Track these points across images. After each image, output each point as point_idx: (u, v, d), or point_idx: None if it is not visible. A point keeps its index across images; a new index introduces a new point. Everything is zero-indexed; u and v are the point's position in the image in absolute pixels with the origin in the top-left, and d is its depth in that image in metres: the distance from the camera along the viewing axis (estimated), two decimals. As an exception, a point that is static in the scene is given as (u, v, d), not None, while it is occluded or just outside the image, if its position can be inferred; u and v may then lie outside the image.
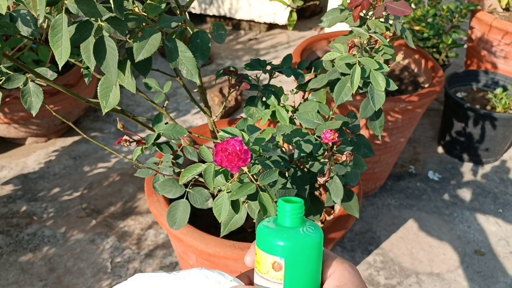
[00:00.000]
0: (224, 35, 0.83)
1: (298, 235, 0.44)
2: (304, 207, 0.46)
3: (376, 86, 0.85)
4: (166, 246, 1.48)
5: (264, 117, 0.95)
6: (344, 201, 0.93)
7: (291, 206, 0.45)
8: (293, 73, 1.01)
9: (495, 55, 1.96)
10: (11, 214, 1.56)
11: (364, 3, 0.88)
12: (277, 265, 0.44)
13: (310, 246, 0.44)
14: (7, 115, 1.66)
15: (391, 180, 1.77)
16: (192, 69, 0.73)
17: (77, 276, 1.38)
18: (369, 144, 0.96)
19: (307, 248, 0.44)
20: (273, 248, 0.44)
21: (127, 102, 2.11)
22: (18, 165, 1.76)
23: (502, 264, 1.49)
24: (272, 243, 0.44)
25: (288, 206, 0.45)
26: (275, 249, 0.44)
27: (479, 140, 1.78)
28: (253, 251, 0.47)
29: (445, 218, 1.64)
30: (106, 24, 0.67)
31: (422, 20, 1.90)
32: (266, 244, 0.45)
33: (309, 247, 0.44)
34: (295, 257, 0.44)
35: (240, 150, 0.61)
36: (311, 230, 0.45)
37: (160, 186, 0.91)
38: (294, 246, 0.44)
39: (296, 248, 0.44)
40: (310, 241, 0.44)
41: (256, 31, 2.75)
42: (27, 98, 0.83)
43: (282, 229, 0.45)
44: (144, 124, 0.96)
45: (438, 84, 1.47)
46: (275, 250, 0.44)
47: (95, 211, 1.59)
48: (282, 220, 0.46)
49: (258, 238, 0.46)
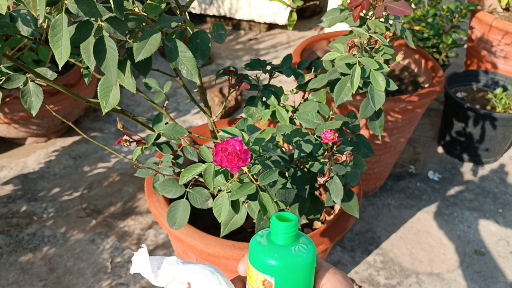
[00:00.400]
0: (224, 35, 0.83)
1: (289, 255, 0.44)
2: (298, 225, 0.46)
3: (376, 86, 0.85)
4: (166, 246, 1.48)
5: (264, 117, 0.95)
6: (344, 201, 0.93)
7: (284, 225, 0.45)
8: (293, 73, 1.01)
9: (495, 55, 1.96)
10: (11, 214, 1.56)
11: (364, 3, 0.88)
12: (267, 283, 0.44)
13: (301, 267, 0.44)
14: (7, 115, 1.66)
15: (391, 180, 1.77)
16: (192, 69, 0.73)
17: (77, 276, 1.38)
18: (369, 144, 0.96)
19: (298, 268, 0.44)
20: (264, 266, 0.44)
21: (127, 102, 2.11)
22: (18, 165, 1.76)
23: (502, 264, 1.49)
24: (264, 261, 0.44)
25: (281, 225, 0.45)
26: (266, 268, 0.44)
27: (479, 140, 1.78)
28: (246, 260, 0.47)
29: (445, 218, 1.64)
30: (106, 24, 0.67)
31: (422, 20, 1.90)
32: (258, 261, 0.44)
33: (300, 268, 0.44)
34: (285, 277, 0.44)
35: (240, 150, 0.61)
36: (303, 249, 0.45)
37: (160, 186, 0.91)
38: (285, 266, 0.44)
39: (287, 268, 0.44)
40: (302, 261, 0.44)
41: (256, 31, 2.75)
42: (27, 98, 0.83)
43: (274, 248, 0.45)
44: (144, 124, 0.96)
45: (438, 84, 1.47)
46: (266, 268, 0.44)
47: (95, 211, 1.59)
48: (275, 237, 0.45)
49: (250, 254, 0.46)
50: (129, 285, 1.36)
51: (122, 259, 1.43)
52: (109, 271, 1.40)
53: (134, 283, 1.36)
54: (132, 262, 0.47)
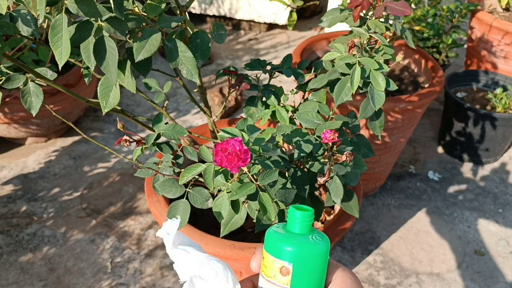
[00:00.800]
0: (224, 35, 0.83)
1: (307, 242, 0.46)
2: (314, 215, 0.47)
3: (376, 86, 0.85)
4: (166, 246, 1.48)
5: (264, 117, 0.95)
6: (344, 201, 0.93)
7: (302, 213, 0.46)
8: (293, 73, 1.01)
9: (495, 55, 1.96)
10: (11, 214, 1.56)
11: (364, 3, 0.88)
12: (285, 269, 0.45)
13: (319, 254, 0.46)
14: (7, 115, 1.66)
15: (391, 180, 1.77)
16: (192, 69, 0.73)
17: (77, 276, 1.38)
18: (369, 144, 0.96)
19: (316, 255, 0.45)
20: (282, 253, 0.45)
21: (127, 102, 2.11)
22: (18, 165, 1.76)
23: (502, 264, 1.49)
24: (281, 248, 0.45)
25: (298, 213, 0.46)
26: (284, 254, 0.45)
27: (479, 140, 1.78)
28: (258, 256, 0.48)
29: (445, 218, 1.64)
30: (106, 24, 0.67)
31: (422, 20, 1.90)
32: (275, 249, 0.46)
33: (317, 255, 0.45)
34: (303, 263, 0.45)
35: (240, 150, 0.61)
36: (319, 238, 0.46)
37: (160, 186, 0.91)
38: (303, 252, 0.45)
39: (305, 254, 0.45)
40: (319, 248, 0.46)
41: (256, 31, 2.75)
42: (27, 98, 0.83)
43: (291, 235, 0.46)
44: (144, 124, 0.96)
45: (438, 84, 1.47)
46: (284, 255, 0.45)
47: (95, 211, 1.59)
48: (292, 226, 0.47)
49: (266, 242, 0.47)
50: (129, 285, 1.36)
51: (122, 259, 1.43)
52: (109, 271, 1.40)
53: (134, 283, 1.36)
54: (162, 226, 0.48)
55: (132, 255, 1.45)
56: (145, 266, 1.42)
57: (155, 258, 1.44)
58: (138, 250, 1.46)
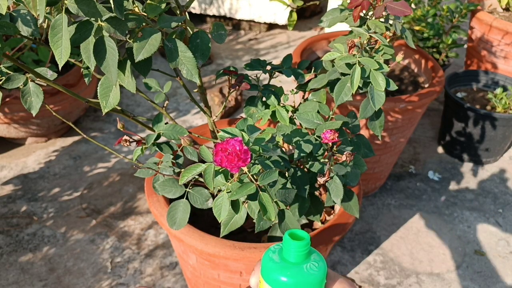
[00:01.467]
0: (224, 35, 0.83)
1: (301, 273, 0.46)
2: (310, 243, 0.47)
3: (376, 86, 0.85)
4: (166, 246, 1.48)
5: (264, 117, 0.95)
6: (344, 201, 0.93)
7: (297, 244, 0.46)
8: (293, 73, 1.01)
9: (495, 55, 1.96)
10: (11, 214, 1.56)
11: (364, 3, 0.88)
12: None
13: (313, 284, 0.46)
14: (7, 115, 1.66)
15: (391, 180, 1.77)
16: (192, 69, 0.73)
17: (77, 276, 1.38)
18: (369, 144, 0.96)
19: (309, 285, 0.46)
20: (277, 283, 0.46)
21: (127, 102, 2.11)
22: (18, 165, 1.76)
23: (502, 264, 1.49)
24: (276, 278, 0.46)
25: (293, 243, 0.46)
26: (278, 284, 0.46)
27: (479, 140, 1.78)
28: (257, 273, 0.49)
29: (445, 218, 1.64)
30: (106, 24, 0.67)
31: (422, 20, 1.90)
32: (270, 278, 0.46)
33: (311, 285, 0.46)
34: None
35: (240, 150, 0.61)
36: (314, 267, 0.46)
37: (160, 186, 0.91)
38: (297, 284, 0.45)
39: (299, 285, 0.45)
40: (313, 279, 0.46)
41: (256, 31, 2.75)
42: (27, 98, 0.83)
43: (286, 265, 0.46)
44: (144, 124, 0.96)
45: (438, 84, 1.47)
46: (278, 284, 0.46)
47: (95, 211, 1.59)
48: (287, 254, 0.47)
49: (263, 269, 0.47)
50: (129, 285, 1.36)
51: (122, 259, 1.43)
52: (109, 271, 1.40)
53: (134, 283, 1.36)
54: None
55: (132, 255, 1.45)
56: (145, 266, 1.42)
57: (155, 258, 1.44)
58: (138, 250, 1.46)
